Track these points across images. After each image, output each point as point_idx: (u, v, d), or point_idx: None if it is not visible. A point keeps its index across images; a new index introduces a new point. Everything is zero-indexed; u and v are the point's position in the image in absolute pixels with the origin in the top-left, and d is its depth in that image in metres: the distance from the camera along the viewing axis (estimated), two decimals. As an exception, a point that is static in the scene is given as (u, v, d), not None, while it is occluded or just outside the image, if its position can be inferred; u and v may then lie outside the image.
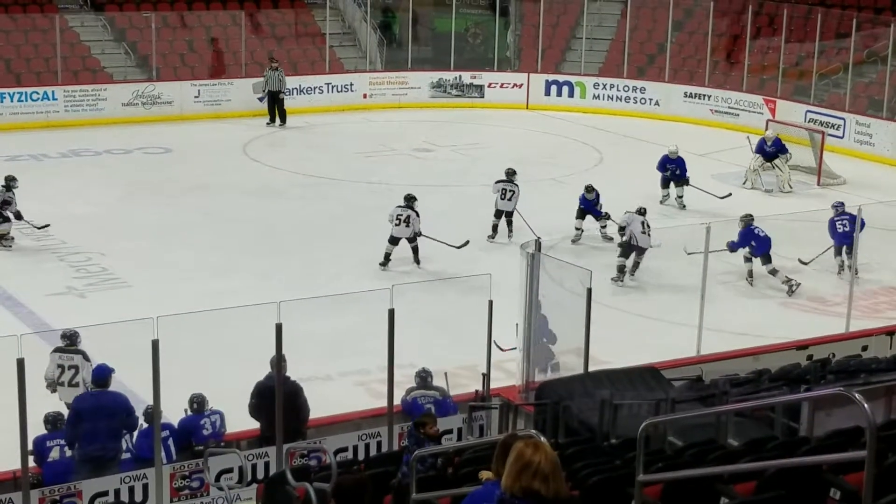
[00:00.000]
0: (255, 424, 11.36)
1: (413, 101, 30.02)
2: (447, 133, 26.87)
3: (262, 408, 11.04)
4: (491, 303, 11.61)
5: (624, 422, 10.41)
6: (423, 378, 12.01)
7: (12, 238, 18.11)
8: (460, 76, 30.44)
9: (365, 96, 29.77)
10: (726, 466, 7.08)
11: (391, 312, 10.68)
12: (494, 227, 19.06)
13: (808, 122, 26.18)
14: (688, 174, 21.16)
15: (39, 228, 18.52)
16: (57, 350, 12.28)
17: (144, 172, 22.98)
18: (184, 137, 25.67)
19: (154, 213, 20.19)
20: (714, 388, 11.39)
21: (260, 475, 10.67)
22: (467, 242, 17.98)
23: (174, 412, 11.04)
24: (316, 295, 13.85)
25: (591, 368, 12.03)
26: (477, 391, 12.21)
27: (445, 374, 12.25)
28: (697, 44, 30.04)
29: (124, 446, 10.63)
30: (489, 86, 30.33)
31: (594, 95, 30.01)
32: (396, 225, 17.38)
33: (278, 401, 10.54)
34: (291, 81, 28.58)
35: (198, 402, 11.13)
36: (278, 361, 10.53)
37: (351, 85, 29.55)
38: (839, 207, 17.58)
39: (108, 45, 28.72)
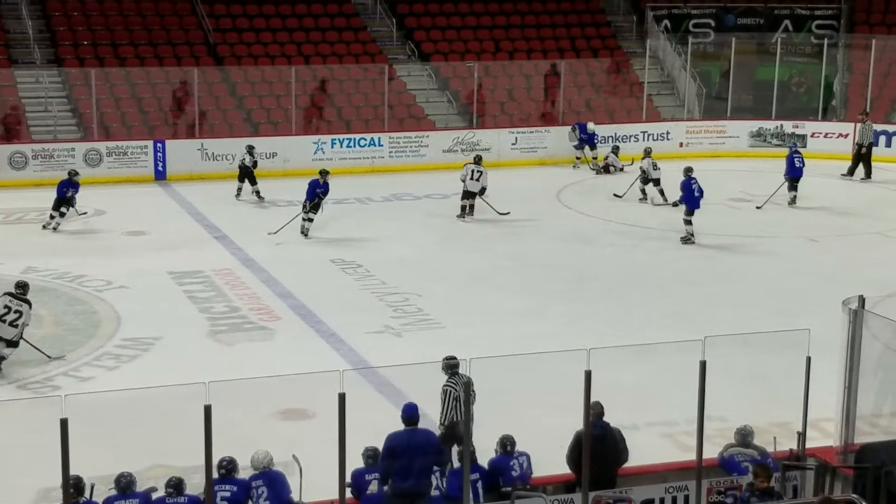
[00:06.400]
0: (561, 469, 11.36)
1: (731, 150, 29.48)
2: (765, 183, 26.09)
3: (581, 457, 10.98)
4: (809, 359, 11.14)
5: (953, 493, 9.70)
6: (744, 436, 11.71)
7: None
8: (781, 125, 29.61)
9: (681, 145, 29.48)
10: None
11: (703, 364, 10.44)
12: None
13: None
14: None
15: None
16: (8, 294, 14.99)
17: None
18: (500, 183, 26.20)
19: (468, 257, 20.69)
20: None
21: (565, 521, 10.65)
22: (508, 213, 22.97)
23: (483, 452, 11.21)
24: (622, 343, 13.74)
25: (919, 434, 11.32)
26: (791, 450, 11.74)
27: (774, 438, 11.88)
28: None
29: (433, 483, 10.88)
30: (812, 135, 29.31)
31: (926, 146, 28.46)
32: (471, 179, 22.72)
33: (585, 447, 10.50)
34: (606, 130, 28.68)
35: (510, 444, 11.30)
36: (586, 407, 10.50)
37: (667, 133, 29.33)
38: None
39: (432, 93, 29.88)
